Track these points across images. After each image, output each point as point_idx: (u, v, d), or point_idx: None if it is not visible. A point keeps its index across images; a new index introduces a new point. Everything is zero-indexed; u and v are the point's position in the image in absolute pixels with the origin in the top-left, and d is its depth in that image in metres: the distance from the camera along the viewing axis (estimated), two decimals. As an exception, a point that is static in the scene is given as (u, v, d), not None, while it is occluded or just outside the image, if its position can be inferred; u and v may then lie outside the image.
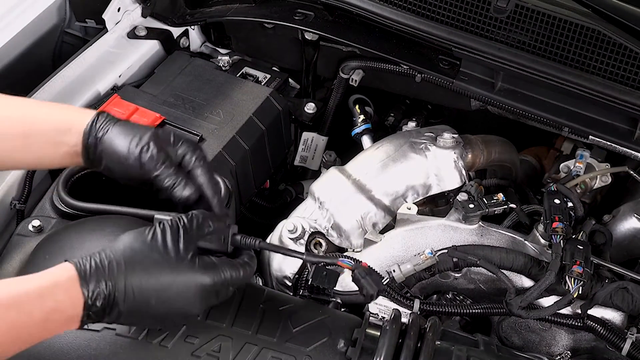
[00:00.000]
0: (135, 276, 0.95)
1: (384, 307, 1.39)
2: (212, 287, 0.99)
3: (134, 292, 0.95)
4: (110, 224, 1.20)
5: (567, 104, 1.52)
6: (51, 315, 0.91)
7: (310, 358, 1.08)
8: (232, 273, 1.01)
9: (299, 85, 1.87)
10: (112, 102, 1.57)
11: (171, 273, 0.97)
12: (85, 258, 0.96)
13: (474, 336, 1.21)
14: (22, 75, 1.64)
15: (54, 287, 0.92)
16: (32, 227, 1.30)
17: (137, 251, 0.97)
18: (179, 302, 0.98)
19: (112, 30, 1.73)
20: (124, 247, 0.97)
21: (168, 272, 0.97)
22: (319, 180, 1.54)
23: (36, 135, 1.11)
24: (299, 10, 1.73)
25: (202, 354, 1.06)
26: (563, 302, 1.33)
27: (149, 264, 0.97)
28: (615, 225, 1.54)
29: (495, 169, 1.71)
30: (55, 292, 0.92)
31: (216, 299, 1.02)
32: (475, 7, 1.48)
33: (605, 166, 1.65)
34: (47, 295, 0.91)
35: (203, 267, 0.99)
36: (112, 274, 0.95)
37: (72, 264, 0.95)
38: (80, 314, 0.93)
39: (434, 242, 1.44)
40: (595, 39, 1.41)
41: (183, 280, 0.97)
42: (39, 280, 0.93)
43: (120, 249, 0.97)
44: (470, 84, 1.58)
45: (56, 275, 0.94)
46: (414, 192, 1.48)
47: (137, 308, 0.96)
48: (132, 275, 0.95)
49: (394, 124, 1.84)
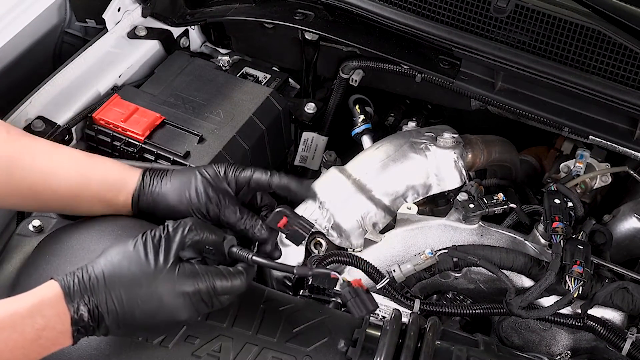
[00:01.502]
0: (115, 290, 0.97)
1: (384, 307, 1.39)
2: (196, 294, 0.99)
3: (116, 306, 0.97)
4: (111, 223, 1.20)
5: (567, 104, 1.52)
6: (42, 333, 0.94)
7: (311, 358, 1.08)
8: (218, 281, 1.01)
9: (299, 85, 1.87)
10: (112, 102, 1.57)
11: (150, 284, 0.98)
12: (69, 274, 0.98)
13: (474, 336, 1.21)
14: (22, 75, 1.64)
15: (42, 304, 0.95)
16: (32, 227, 1.29)
17: (116, 265, 0.99)
18: (163, 312, 0.99)
19: (112, 30, 1.72)
20: (105, 262, 0.99)
21: (147, 284, 0.98)
22: (319, 180, 1.54)
23: (86, 196, 1.16)
24: (299, 10, 1.73)
25: (203, 354, 1.06)
26: (563, 302, 1.33)
27: (128, 277, 0.98)
28: (615, 225, 1.54)
29: (495, 169, 1.71)
30: (44, 309, 0.95)
31: (206, 307, 1.01)
32: (475, 7, 1.48)
33: (605, 166, 1.65)
34: (36, 313, 0.94)
35: (183, 275, 0.99)
36: (94, 289, 0.97)
37: (57, 281, 0.97)
38: (69, 329, 0.95)
39: (434, 242, 1.44)
40: (595, 39, 1.41)
41: (163, 290, 0.98)
42: (28, 299, 0.96)
43: (101, 264, 0.99)
44: (470, 84, 1.58)
45: (43, 293, 0.96)
46: (414, 192, 1.48)
47: (123, 321, 0.98)
48: (112, 289, 0.97)
49: (394, 124, 1.84)
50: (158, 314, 0.99)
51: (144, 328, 1.02)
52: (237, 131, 1.57)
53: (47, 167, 1.16)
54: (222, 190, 1.13)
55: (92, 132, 1.56)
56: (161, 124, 1.55)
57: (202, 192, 1.12)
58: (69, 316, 0.95)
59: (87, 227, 1.19)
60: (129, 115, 1.54)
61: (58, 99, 1.58)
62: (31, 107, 1.53)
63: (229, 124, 1.58)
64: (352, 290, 1.05)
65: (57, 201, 1.17)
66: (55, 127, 1.52)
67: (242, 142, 1.57)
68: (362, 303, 1.04)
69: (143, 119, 1.54)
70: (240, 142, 1.57)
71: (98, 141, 1.56)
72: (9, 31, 1.61)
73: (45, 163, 1.16)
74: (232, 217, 1.12)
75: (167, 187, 1.15)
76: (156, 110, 1.56)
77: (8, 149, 1.15)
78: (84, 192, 1.16)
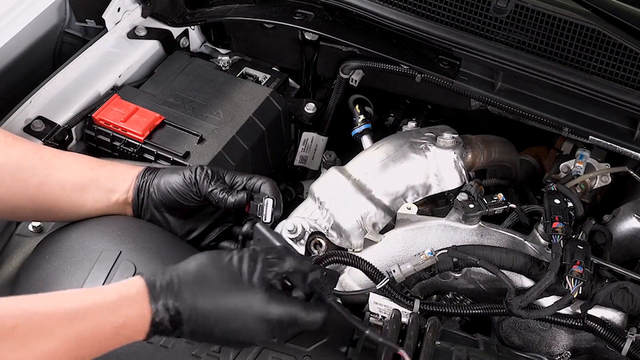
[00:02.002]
0: (201, 301, 0.95)
1: (384, 307, 1.39)
2: (279, 322, 0.98)
3: (198, 316, 0.95)
4: (111, 223, 1.20)
5: (567, 104, 1.52)
6: (120, 330, 0.92)
7: (310, 358, 1.08)
8: (302, 313, 1.00)
9: (299, 85, 1.87)
10: (112, 102, 1.57)
11: (238, 303, 0.96)
12: (155, 274, 0.96)
13: (474, 336, 1.21)
14: (22, 75, 1.64)
15: (125, 302, 0.93)
16: (32, 227, 1.30)
17: (208, 274, 0.97)
18: (242, 333, 0.98)
19: (112, 30, 1.72)
20: (196, 269, 0.98)
21: (235, 302, 0.96)
22: (319, 180, 1.54)
23: (94, 188, 1.20)
24: (299, 10, 1.73)
25: (203, 355, 1.06)
26: (563, 302, 1.33)
27: (218, 290, 0.96)
28: (615, 225, 1.54)
29: (495, 169, 1.71)
30: (127, 309, 0.93)
31: (280, 337, 1.00)
32: (475, 7, 1.48)
33: (605, 166, 1.65)
34: (118, 311, 0.92)
35: (273, 300, 0.98)
36: (180, 294, 0.95)
37: (142, 278, 0.96)
38: (147, 329, 0.94)
39: (434, 242, 1.44)
40: (595, 39, 1.41)
41: (249, 312, 0.97)
42: (111, 293, 0.94)
43: (192, 270, 0.97)
44: (470, 84, 1.58)
45: (127, 288, 0.95)
46: (414, 192, 1.48)
47: (200, 331, 0.96)
48: (198, 299, 0.95)
49: (394, 124, 1.84)
50: (237, 334, 0.97)
51: (216, 341, 1.00)
52: (237, 131, 1.57)
53: (56, 162, 1.18)
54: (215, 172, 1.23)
55: (92, 132, 1.56)
56: (161, 124, 1.55)
57: (196, 168, 1.21)
58: (150, 317, 0.94)
59: (86, 227, 1.20)
60: (129, 115, 1.54)
61: (58, 99, 1.58)
62: (31, 107, 1.53)
63: (228, 124, 1.58)
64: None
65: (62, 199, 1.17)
66: (55, 127, 1.52)
67: (242, 142, 1.57)
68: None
69: (143, 119, 1.54)
70: (240, 142, 1.57)
71: (98, 141, 1.56)
72: (9, 31, 1.61)
73: (54, 159, 1.18)
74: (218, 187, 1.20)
75: (167, 170, 1.22)
76: (156, 111, 1.56)
77: (16, 152, 1.17)
78: (92, 185, 1.18)
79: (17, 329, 0.86)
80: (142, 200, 1.21)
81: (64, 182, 1.17)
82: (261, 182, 1.21)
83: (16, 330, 0.86)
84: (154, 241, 1.19)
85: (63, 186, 1.17)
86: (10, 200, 1.16)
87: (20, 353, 0.86)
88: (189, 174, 1.19)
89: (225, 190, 1.19)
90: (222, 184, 1.20)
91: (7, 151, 1.17)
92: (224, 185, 1.20)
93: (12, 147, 1.18)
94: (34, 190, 1.16)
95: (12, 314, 0.88)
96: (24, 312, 0.88)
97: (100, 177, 1.20)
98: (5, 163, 1.16)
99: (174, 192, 1.19)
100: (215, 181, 1.19)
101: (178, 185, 1.19)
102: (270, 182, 1.21)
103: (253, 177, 1.22)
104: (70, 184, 1.18)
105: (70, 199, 1.18)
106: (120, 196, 1.20)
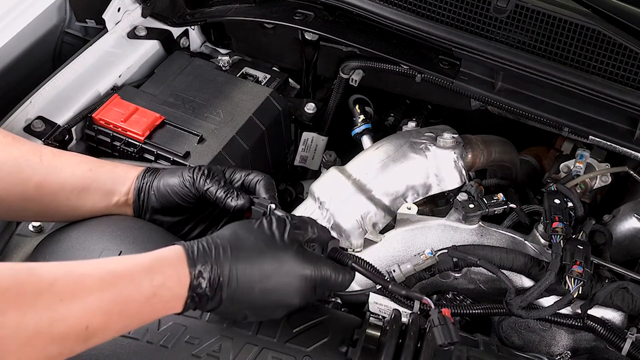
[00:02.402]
0: (240, 263, 0.97)
1: (384, 307, 1.39)
2: (312, 280, 1.01)
3: (237, 278, 0.97)
4: (111, 223, 1.20)
5: (567, 104, 1.52)
6: (158, 290, 0.92)
7: (310, 358, 1.08)
8: (332, 273, 1.04)
9: (299, 85, 1.87)
10: (112, 102, 1.57)
11: (275, 262, 0.99)
12: (192, 241, 0.98)
13: (474, 336, 1.21)
14: (22, 75, 1.64)
15: (162, 262, 0.94)
16: (32, 227, 1.30)
17: (243, 238, 1.00)
18: (279, 292, 1.00)
19: (112, 30, 1.73)
20: (231, 233, 1.00)
21: (272, 261, 0.99)
22: (319, 180, 1.54)
23: (94, 189, 1.19)
24: (299, 10, 1.73)
25: (203, 354, 1.06)
26: (563, 302, 1.33)
27: (254, 251, 0.99)
28: (615, 225, 1.54)
29: (495, 169, 1.71)
30: (164, 267, 0.94)
31: (313, 295, 1.03)
32: (475, 7, 1.48)
33: (605, 166, 1.65)
34: (155, 269, 0.93)
35: (308, 258, 1.01)
36: (219, 258, 0.97)
37: (180, 245, 0.97)
38: (185, 294, 0.95)
39: (434, 242, 1.44)
40: (595, 39, 1.41)
41: (286, 269, 0.99)
42: (147, 256, 0.95)
43: (227, 235, 1.00)
44: (470, 84, 1.58)
45: (165, 253, 0.96)
46: (414, 192, 1.48)
47: (238, 295, 0.98)
48: (237, 261, 0.97)
49: (394, 124, 1.84)
50: (275, 292, 0.99)
51: (253, 307, 1.01)
52: (237, 131, 1.57)
53: (55, 162, 1.18)
54: (215, 171, 1.20)
55: (92, 132, 1.56)
56: (161, 124, 1.55)
57: (195, 168, 1.19)
58: (189, 280, 0.94)
59: (86, 227, 1.19)
60: (129, 115, 1.54)
61: (58, 99, 1.58)
62: (31, 107, 1.53)
63: (228, 124, 1.58)
64: (442, 318, 1.06)
65: (62, 200, 1.17)
66: (55, 127, 1.52)
67: (242, 142, 1.57)
68: (448, 332, 1.04)
69: (143, 119, 1.54)
70: (240, 142, 1.57)
71: (98, 141, 1.56)
72: (9, 31, 1.61)
73: (54, 159, 1.18)
74: (216, 186, 1.18)
75: (167, 170, 1.21)
76: (156, 110, 1.56)
77: (15, 151, 1.17)
78: (92, 186, 1.18)
79: (55, 284, 0.85)
80: (142, 202, 1.21)
81: (63, 182, 1.17)
82: (257, 178, 1.21)
83: (54, 286, 0.85)
84: (154, 241, 1.19)
85: (62, 187, 1.17)
86: (9, 200, 1.16)
87: (58, 310, 0.84)
88: (188, 175, 1.20)
89: (223, 189, 1.18)
90: (219, 181, 1.20)
91: (6, 151, 1.17)
92: (221, 183, 1.20)
93: (12, 146, 1.18)
94: (33, 190, 1.16)
95: (51, 270, 0.87)
96: (61, 269, 0.88)
97: (99, 179, 1.20)
98: (5, 163, 1.16)
99: (174, 193, 1.19)
100: (212, 179, 1.19)
101: (177, 187, 1.19)
102: (267, 179, 1.21)
103: (251, 173, 1.22)
104: (69, 185, 1.18)
105: (70, 200, 1.18)
106: (120, 198, 1.20)
